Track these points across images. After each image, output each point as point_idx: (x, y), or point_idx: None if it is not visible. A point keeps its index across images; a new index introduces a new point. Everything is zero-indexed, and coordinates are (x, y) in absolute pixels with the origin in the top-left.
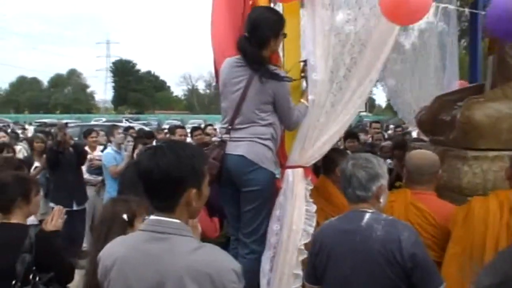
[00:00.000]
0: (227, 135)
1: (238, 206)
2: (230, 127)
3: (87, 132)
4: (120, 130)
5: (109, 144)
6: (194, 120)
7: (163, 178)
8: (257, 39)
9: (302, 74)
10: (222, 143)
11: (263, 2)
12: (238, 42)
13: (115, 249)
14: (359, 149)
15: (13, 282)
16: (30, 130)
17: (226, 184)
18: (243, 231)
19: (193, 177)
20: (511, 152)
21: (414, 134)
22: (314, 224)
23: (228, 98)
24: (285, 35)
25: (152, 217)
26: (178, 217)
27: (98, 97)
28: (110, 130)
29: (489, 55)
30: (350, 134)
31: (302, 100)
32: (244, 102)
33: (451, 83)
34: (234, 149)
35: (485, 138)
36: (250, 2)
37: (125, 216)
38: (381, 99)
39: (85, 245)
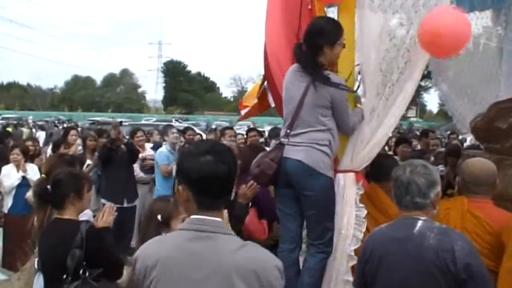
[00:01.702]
0: (286, 139)
1: (295, 206)
2: (289, 131)
3: (134, 131)
4: (174, 130)
5: (164, 143)
6: (242, 122)
7: (228, 178)
8: (310, 45)
9: (359, 77)
10: (281, 146)
11: (320, 7)
12: (293, 48)
13: (156, 248)
14: (411, 155)
15: (64, 276)
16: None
17: (284, 186)
18: (310, 236)
19: None
20: None
21: (468, 141)
22: (363, 229)
23: (289, 103)
24: (343, 45)
25: (194, 216)
26: (222, 215)
27: (149, 97)
28: (164, 130)
29: None
30: (404, 139)
31: (358, 105)
32: (302, 107)
33: (508, 90)
34: (292, 153)
35: None
36: (309, 7)
37: (159, 217)
38: (432, 105)
39: (133, 242)
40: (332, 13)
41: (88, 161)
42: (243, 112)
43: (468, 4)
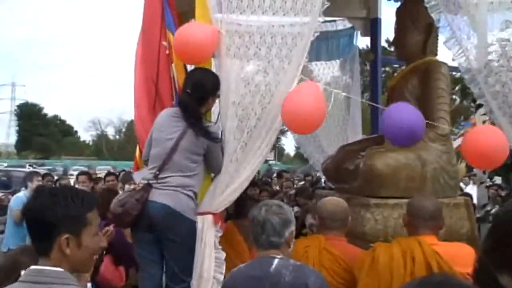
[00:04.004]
0: (154, 181)
1: (156, 251)
2: (158, 173)
3: None
4: (40, 178)
5: (23, 189)
6: (102, 167)
7: (37, 219)
8: (197, 96)
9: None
10: (149, 187)
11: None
12: (181, 97)
13: None
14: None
15: None
16: None
17: (145, 230)
18: (170, 281)
19: (68, 222)
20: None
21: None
22: (223, 271)
23: (161, 145)
24: (219, 95)
25: (33, 267)
26: (57, 264)
27: (0, 141)
28: (29, 177)
29: None
30: (251, 183)
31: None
32: (176, 151)
33: (355, 134)
34: (159, 197)
35: (385, 186)
36: (167, 52)
37: (23, 272)
38: (289, 148)
39: None
40: None
41: None
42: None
43: (315, 54)
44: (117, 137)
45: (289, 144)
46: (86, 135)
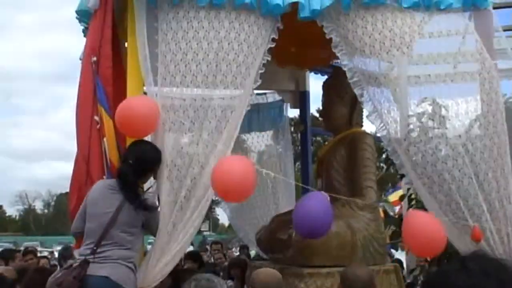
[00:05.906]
0: (91, 256)
1: None
2: (95, 248)
3: None
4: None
5: None
6: (28, 243)
7: None
8: (138, 169)
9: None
10: (86, 263)
11: (110, 127)
12: (121, 167)
13: None
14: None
15: None
16: None
17: None
18: None
19: None
20: (341, 268)
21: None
22: None
23: (97, 219)
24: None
25: None
26: None
27: None
28: None
29: (317, 178)
30: (189, 255)
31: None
32: (113, 226)
33: (288, 203)
34: (98, 270)
35: (317, 255)
36: (98, 126)
37: None
38: (224, 218)
39: None
40: None
41: None
42: None
43: (247, 125)
44: (46, 211)
45: (223, 214)
46: (12, 210)
